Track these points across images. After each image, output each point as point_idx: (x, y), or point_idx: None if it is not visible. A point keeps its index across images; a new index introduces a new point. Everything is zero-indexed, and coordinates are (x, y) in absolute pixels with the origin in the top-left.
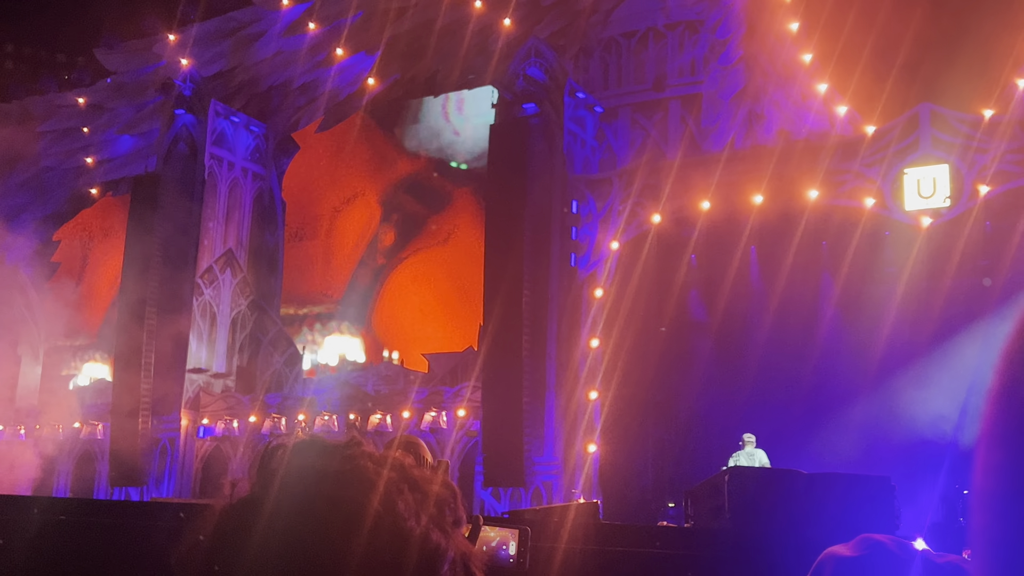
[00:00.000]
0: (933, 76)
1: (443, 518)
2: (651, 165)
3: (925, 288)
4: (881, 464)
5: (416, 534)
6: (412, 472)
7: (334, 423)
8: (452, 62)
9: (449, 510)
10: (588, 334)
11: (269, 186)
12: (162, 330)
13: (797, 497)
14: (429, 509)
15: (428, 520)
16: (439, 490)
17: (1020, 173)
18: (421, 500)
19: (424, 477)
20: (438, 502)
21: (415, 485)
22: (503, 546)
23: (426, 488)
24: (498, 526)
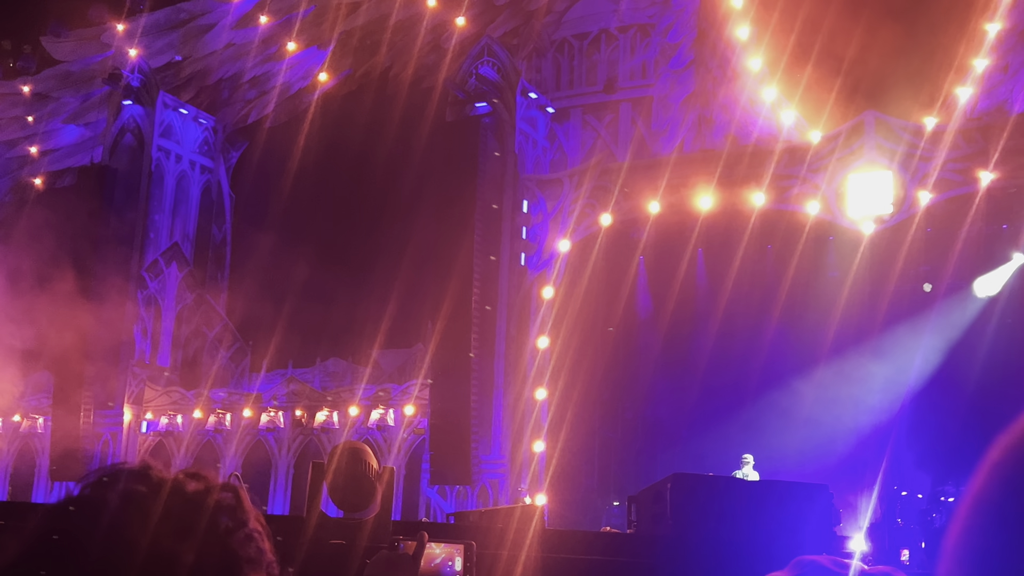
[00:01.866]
0: (878, 85)
1: (201, 526)
2: (601, 166)
3: (868, 292)
4: (823, 465)
5: (142, 547)
6: (176, 487)
7: (280, 420)
8: (405, 59)
9: (224, 517)
10: (537, 333)
11: (218, 179)
12: (105, 323)
13: (738, 504)
14: (179, 520)
15: (173, 532)
16: (217, 498)
17: (961, 181)
18: (170, 513)
19: (196, 491)
20: (207, 511)
21: (173, 499)
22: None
23: (196, 500)
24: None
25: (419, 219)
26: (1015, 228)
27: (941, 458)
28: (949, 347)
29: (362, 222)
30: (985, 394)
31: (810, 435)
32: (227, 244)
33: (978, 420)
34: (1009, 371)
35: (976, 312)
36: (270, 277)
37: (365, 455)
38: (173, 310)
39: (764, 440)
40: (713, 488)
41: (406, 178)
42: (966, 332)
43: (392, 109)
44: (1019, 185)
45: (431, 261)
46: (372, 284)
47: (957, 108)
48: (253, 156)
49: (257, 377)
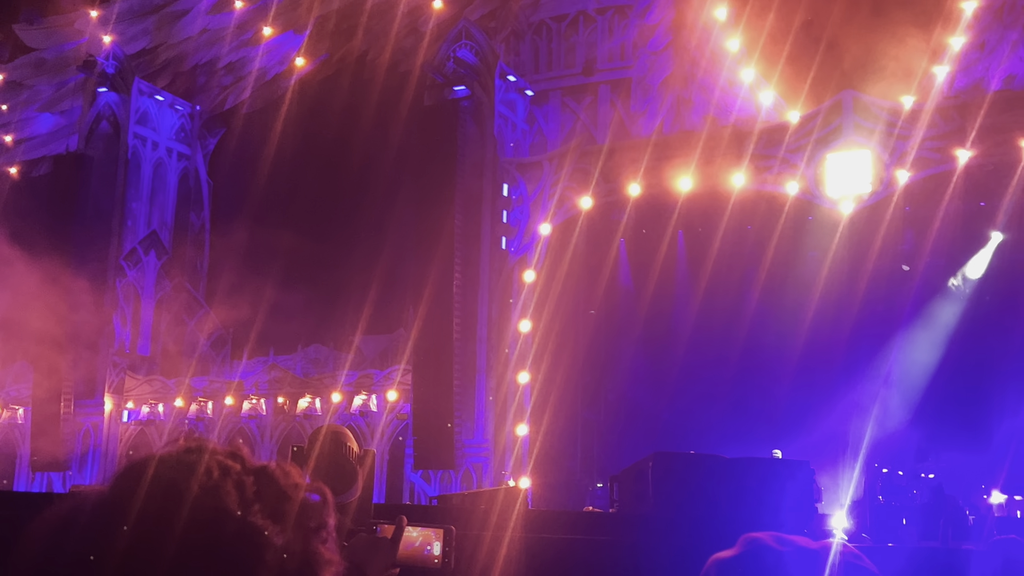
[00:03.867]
0: (856, 64)
1: (290, 516)
2: (581, 149)
3: (847, 272)
4: (804, 443)
5: (239, 517)
6: (269, 473)
7: (262, 407)
8: (383, 43)
9: (310, 515)
10: (519, 317)
11: (195, 166)
12: (84, 313)
13: (719, 482)
14: (272, 504)
15: (261, 511)
16: (304, 495)
17: (939, 160)
18: (263, 495)
19: (289, 484)
20: (295, 503)
21: (266, 485)
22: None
23: (289, 492)
24: (421, 526)
25: (399, 204)
26: (992, 206)
27: (922, 435)
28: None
29: (341, 208)
30: (965, 372)
31: (791, 413)
32: (206, 231)
33: (958, 397)
34: (989, 349)
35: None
36: (250, 264)
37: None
38: (152, 298)
39: (745, 419)
40: (694, 466)
41: (385, 163)
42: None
43: (370, 93)
44: (996, 163)
45: (411, 246)
46: (353, 270)
47: (934, 86)
48: (230, 142)
49: (238, 364)
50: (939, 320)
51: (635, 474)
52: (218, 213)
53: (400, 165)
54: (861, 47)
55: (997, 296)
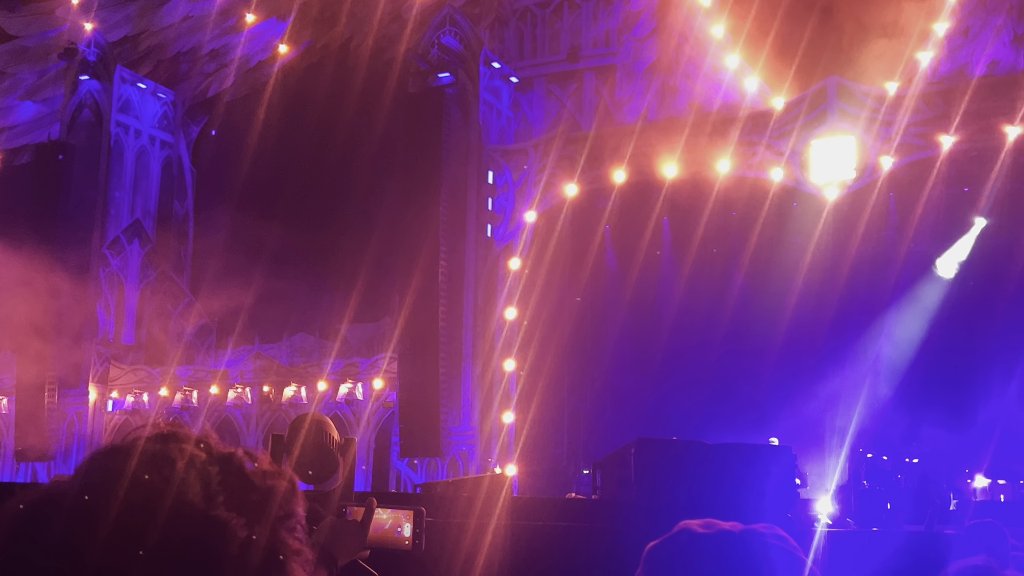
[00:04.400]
0: (840, 50)
1: (255, 506)
2: (566, 136)
3: (831, 257)
4: (789, 429)
5: (200, 510)
6: (235, 462)
7: (247, 396)
8: (366, 29)
9: (278, 504)
10: (504, 304)
11: (178, 154)
12: (68, 302)
13: (701, 468)
14: (237, 495)
15: (225, 503)
16: (272, 483)
17: (923, 146)
18: (228, 485)
19: (256, 472)
20: (262, 494)
21: (232, 474)
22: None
23: (255, 481)
24: (392, 507)
25: (384, 192)
26: (976, 191)
27: (907, 420)
28: (914, 311)
29: (326, 196)
30: (950, 357)
31: (776, 398)
32: (189, 220)
33: (943, 382)
34: (972, 334)
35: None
36: (234, 252)
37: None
38: (136, 287)
39: (730, 404)
40: (677, 452)
41: (369, 151)
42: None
43: (353, 81)
44: (980, 148)
45: (397, 234)
46: (338, 258)
47: (918, 72)
48: (214, 130)
49: (223, 354)
50: (923, 305)
51: (618, 460)
52: (202, 201)
53: (384, 153)
54: (846, 33)
55: (980, 281)
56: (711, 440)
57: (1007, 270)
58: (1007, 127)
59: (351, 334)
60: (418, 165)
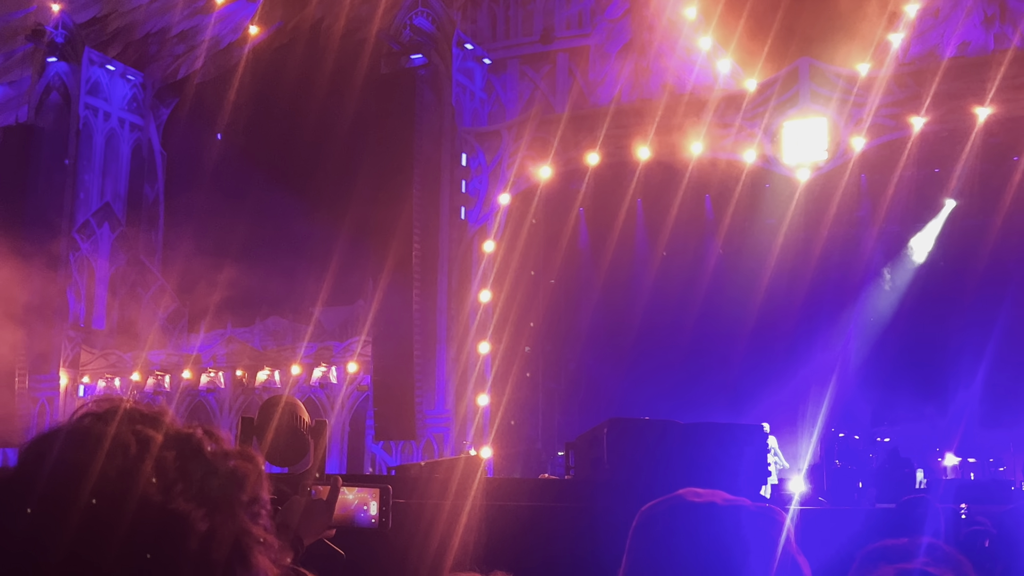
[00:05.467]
0: (812, 31)
1: (216, 492)
2: (540, 118)
3: (803, 239)
4: (762, 409)
5: (157, 504)
6: (194, 444)
7: (220, 380)
8: (337, 10)
9: (241, 488)
10: (479, 287)
11: (148, 137)
12: (37, 286)
13: (674, 447)
14: (197, 482)
15: (184, 492)
16: (234, 466)
17: (894, 127)
18: (186, 472)
19: (217, 453)
20: (224, 478)
21: (190, 458)
22: (364, 507)
23: (216, 464)
24: (358, 486)
25: (356, 174)
26: (946, 172)
27: (878, 399)
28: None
29: (297, 178)
30: (921, 336)
31: (749, 379)
32: (160, 203)
33: (914, 361)
34: (943, 313)
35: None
36: (206, 236)
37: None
38: (107, 271)
39: (704, 385)
40: (649, 431)
41: (341, 133)
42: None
43: (325, 62)
44: (950, 129)
45: (370, 217)
46: (311, 241)
47: (890, 54)
48: (184, 113)
49: (196, 338)
50: (894, 286)
51: (591, 440)
52: (172, 184)
53: (357, 135)
54: (817, 14)
55: (951, 261)
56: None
57: (977, 250)
58: (977, 108)
59: (325, 317)
60: (391, 147)
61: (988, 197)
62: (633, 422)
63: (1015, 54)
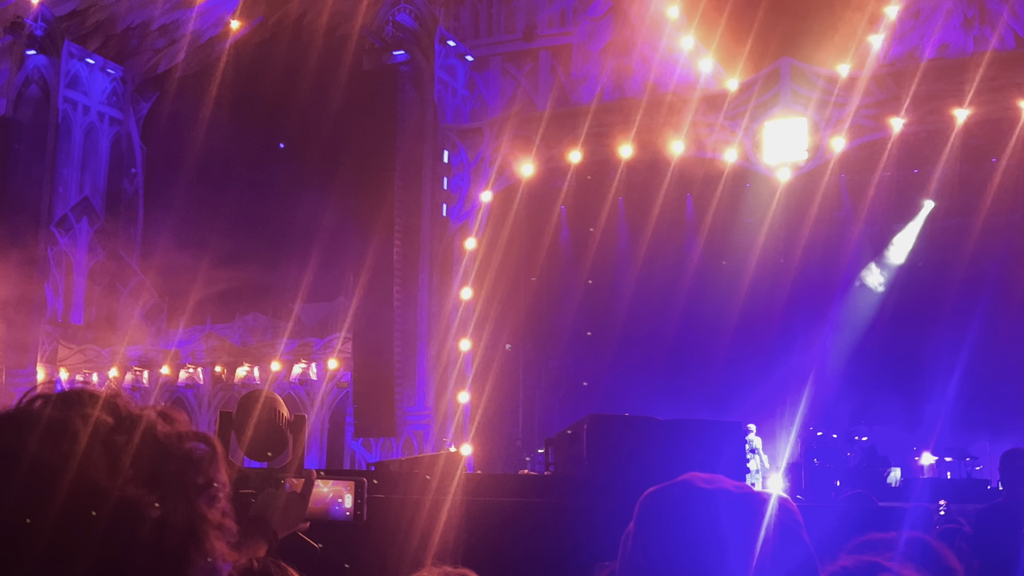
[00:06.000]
0: (793, 31)
1: (171, 477)
2: (522, 116)
3: (784, 239)
4: (742, 408)
5: (106, 490)
6: (147, 426)
7: (199, 376)
8: (320, 5)
9: (196, 471)
10: (460, 284)
11: (128, 131)
12: (14, 280)
13: (653, 443)
14: (149, 466)
15: (135, 478)
16: (189, 448)
17: (874, 127)
18: (138, 456)
19: (171, 435)
20: (178, 461)
21: (143, 441)
22: (338, 499)
23: (170, 448)
24: (332, 479)
25: (338, 170)
26: (926, 173)
27: (856, 398)
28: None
29: (279, 174)
30: (899, 335)
31: (730, 378)
32: (139, 198)
33: (892, 361)
34: (921, 313)
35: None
36: (185, 231)
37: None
38: (85, 266)
39: (685, 384)
40: (629, 428)
41: (323, 128)
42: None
43: (307, 58)
44: (930, 131)
45: (351, 213)
46: (291, 236)
47: (870, 55)
48: (164, 107)
49: (174, 333)
50: (873, 286)
51: (570, 437)
52: (152, 179)
53: (339, 131)
54: (798, 14)
55: (929, 262)
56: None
57: (956, 251)
58: (956, 109)
59: (305, 313)
60: (372, 143)
61: (967, 198)
62: (612, 418)
63: (994, 56)
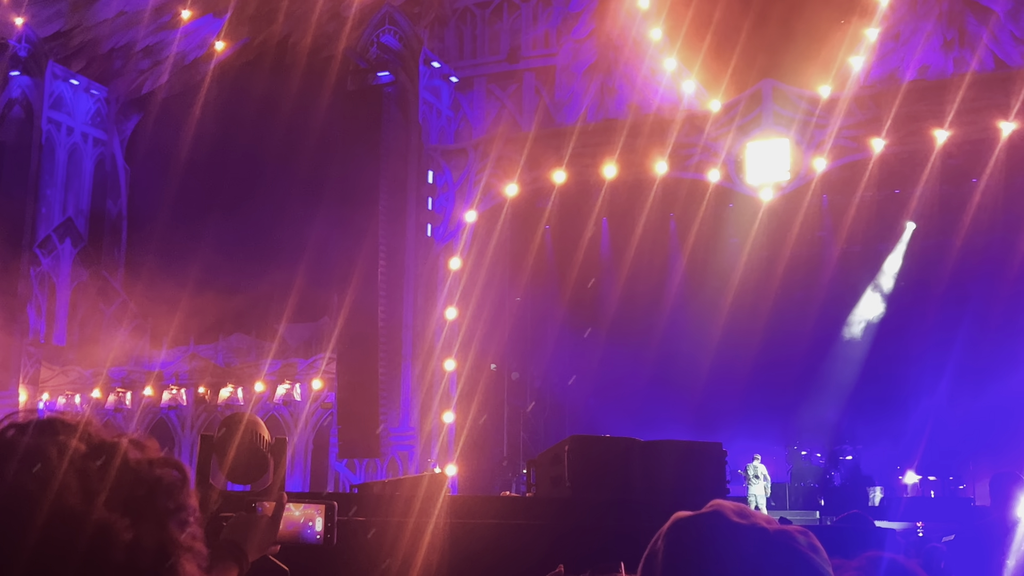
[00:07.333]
0: (775, 54)
1: (142, 502)
2: (506, 136)
3: (766, 258)
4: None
5: (80, 514)
6: (119, 453)
7: (182, 397)
8: (304, 27)
9: (167, 496)
10: (445, 304)
11: (111, 152)
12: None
13: (634, 464)
14: (122, 491)
15: (108, 502)
16: (160, 474)
17: (855, 148)
18: (111, 481)
19: (142, 462)
20: (149, 486)
21: (115, 467)
22: (309, 523)
23: (142, 473)
24: (303, 503)
25: (322, 191)
26: (907, 193)
27: (840, 417)
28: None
29: (263, 194)
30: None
31: (712, 395)
32: (123, 219)
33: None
34: (904, 333)
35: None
36: (169, 251)
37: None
38: (68, 287)
39: (668, 402)
40: (610, 449)
41: (307, 149)
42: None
43: (291, 79)
44: (910, 151)
45: (335, 233)
46: (276, 257)
47: (851, 76)
48: (148, 128)
49: (158, 354)
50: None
51: (552, 458)
52: (136, 200)
53: (323, 152)
54: (780, 37)
55: (911, 282)
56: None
57: (937, 270)
58: (936, 130)
59: (289, 334)
60: (357, 164)
61: (947, 218)
62: (594, 439)
63: (974, 77)
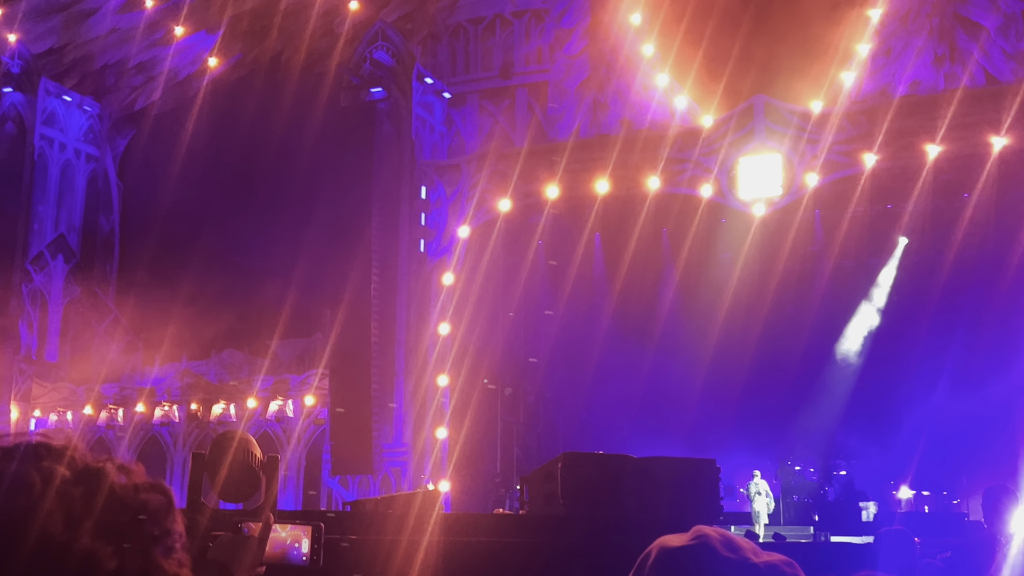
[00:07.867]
0: (767, 69)
1: (127, 528)
2: (499, 152)
3: (759, 273)
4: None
5: (63, 543)
6: (103, 478)
7: (175, 414)
8: (297, 43)
9: (152, 522)
10: (438, 320)
11: (104, 168)
12: None
13: (627, 481)
14: (105, 518)
15: (92, 529)
16: (145, 499)
17: (847, 163)
18: (94, 508)
19: (127, 487)
20: (134, 512)
21: (99, 493)
22: (296, 544)
23: (126, 499)
24: (290, 523)
25: (315, 206)
26: (898, 208)
27: (834, 432)
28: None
29: (256, 210)
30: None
31: (705, 411)
32: (116, 235)
33: (869, 395)
34: (896, 348)
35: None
36: (161, 267)
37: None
38: (60, 303)
39: (661, 419)
40: (603, 466)
41: (300, 165)
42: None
43: (284, 95)
44: (902, 166)
45: (328, 249)
46: (268, 273)
47: (843, 92)
48: (141, 144)
49: (150, 370)
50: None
51: (545, 475)
52: (129, 216)
53: (316, 167)
54: (772, 52)
55: (904, 296)
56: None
57: (929, 285)
58: (928, 145)
59: (282, 350)
60: (350, 180)
61: (939, 233)
62: (586, 456)
63: (965, 93)
